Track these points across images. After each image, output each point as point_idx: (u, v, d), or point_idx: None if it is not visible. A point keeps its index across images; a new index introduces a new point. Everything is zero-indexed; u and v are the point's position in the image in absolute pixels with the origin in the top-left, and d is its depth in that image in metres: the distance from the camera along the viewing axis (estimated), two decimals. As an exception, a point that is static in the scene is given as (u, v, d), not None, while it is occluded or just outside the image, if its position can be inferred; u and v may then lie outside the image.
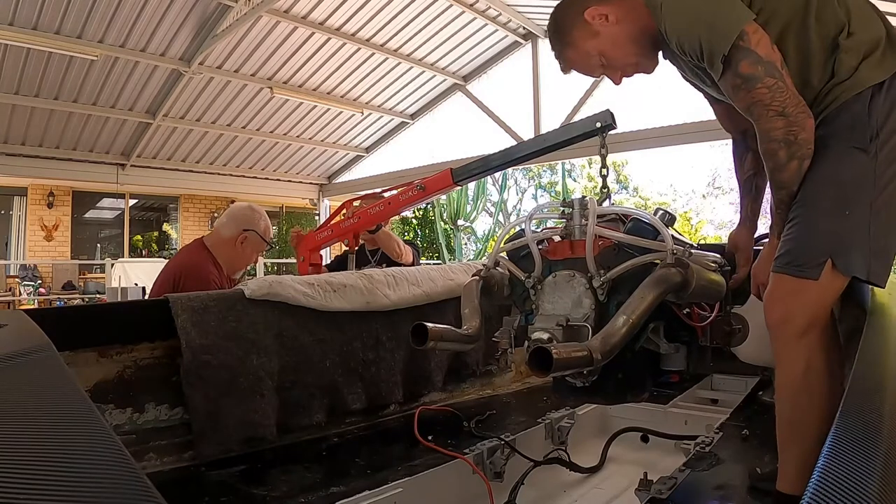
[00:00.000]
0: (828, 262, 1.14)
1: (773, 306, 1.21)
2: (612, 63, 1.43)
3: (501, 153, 2.23)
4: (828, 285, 1.16)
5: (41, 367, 0.84)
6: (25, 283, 9.61)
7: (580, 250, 1.53)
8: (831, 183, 1.17)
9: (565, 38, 1.44)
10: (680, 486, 1.34)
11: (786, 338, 1.19)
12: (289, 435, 1.86)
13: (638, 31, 1.37)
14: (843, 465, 0.59)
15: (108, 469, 0.54)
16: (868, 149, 1.13)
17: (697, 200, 18.56)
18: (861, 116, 1.15)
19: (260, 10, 6.74)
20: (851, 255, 1.13)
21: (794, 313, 1.17)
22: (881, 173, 1.13)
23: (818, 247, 1.16)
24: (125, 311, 1.87)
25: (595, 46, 1.40)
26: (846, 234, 1.14)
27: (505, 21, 8.36)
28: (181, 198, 11.77)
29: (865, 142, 1.13)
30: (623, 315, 1.34)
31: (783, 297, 1.20)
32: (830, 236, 1.15)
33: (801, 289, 1.17)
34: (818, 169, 1.20)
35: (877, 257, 1.14)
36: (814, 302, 1.17)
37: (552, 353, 1.14)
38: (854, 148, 1.15)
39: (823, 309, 1.18)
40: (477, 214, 13.84)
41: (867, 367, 0.88)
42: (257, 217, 2.64)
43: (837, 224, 1.15)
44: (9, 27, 6.14)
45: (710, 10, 1.20)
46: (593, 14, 1.37)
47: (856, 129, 1.15)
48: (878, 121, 1.14)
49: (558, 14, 1.47)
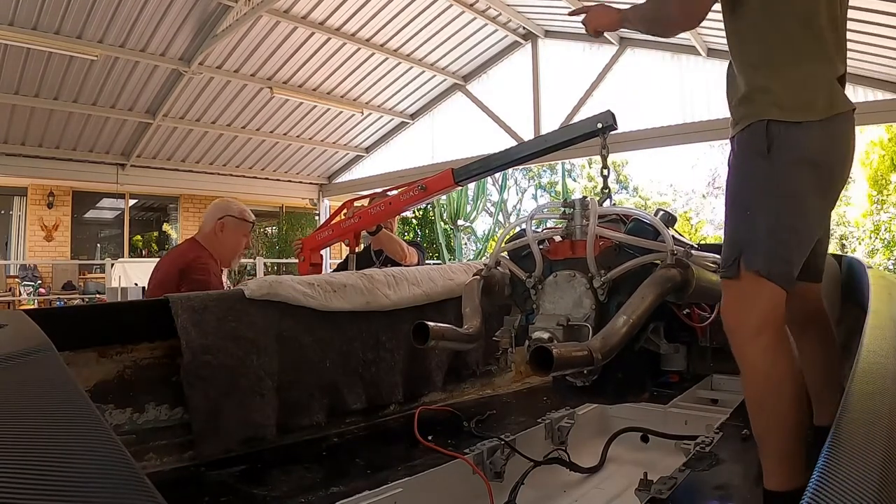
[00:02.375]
0: (741, 260, 1.20)
1: (725, 313, 1.27)
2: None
3: (502, 153, 2.23)
4: (756, 284, 1.19)
5: (41, 367, 0.84)
6: (25, 283, 9.60)
7: (581, 250, 1.53)
8: (737, 187, 1.27)
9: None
10: (680, 486, 1.34)
11: (740, 341, 1.22)
12: (289, 435, 1.86)
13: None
14: (843, 465, 0.59)
15: (108, 469, 0.54)
16: (767, 154, 1.19)
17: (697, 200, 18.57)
18: (760, 127, 1.21)
19: (260, 10, 6.74)
20: (752, 251, 1.19)
21: (742, 316, 1.22)
22: (779, 176, 1.19)
23: (730, 247, 1.24)
24: (125, 311, 1.87)
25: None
26: (747, 233, 1.21)
27: (505, 21, 8.36)
28: (181, 198, 11.76)
29: (764, 149, 1.19)
30: (623, 315, 1.34)
31: (727, 303, 1.26)
32: (737, 236, 1.23)
33: (736, 291, 1.23)
34: (730, 177, 1.30)
35: (774, 256, 1.18)
36: (754, 303, 1.20)
37: (553, 352, 1.14)
38: (754, 153, 1.22)
39: (767, 309, 1.19)
40: (477, 214, 13.84)
41: (867, 367, 0.88)
42: (228, 203, 2.77)
43: (740, 224, 1.23)
44: (9, 27, 6.14)
45: None
46: None
47: (756, 135, 1.21)
48: (779, 130, 1.19)
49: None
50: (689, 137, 7.31)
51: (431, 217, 13.16)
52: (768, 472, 1.22)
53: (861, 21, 5.19)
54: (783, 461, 1.19)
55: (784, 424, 1.18)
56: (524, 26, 8.50)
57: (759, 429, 1.23)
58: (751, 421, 1.24)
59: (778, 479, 1.20)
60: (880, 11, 5.05)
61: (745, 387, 1.24)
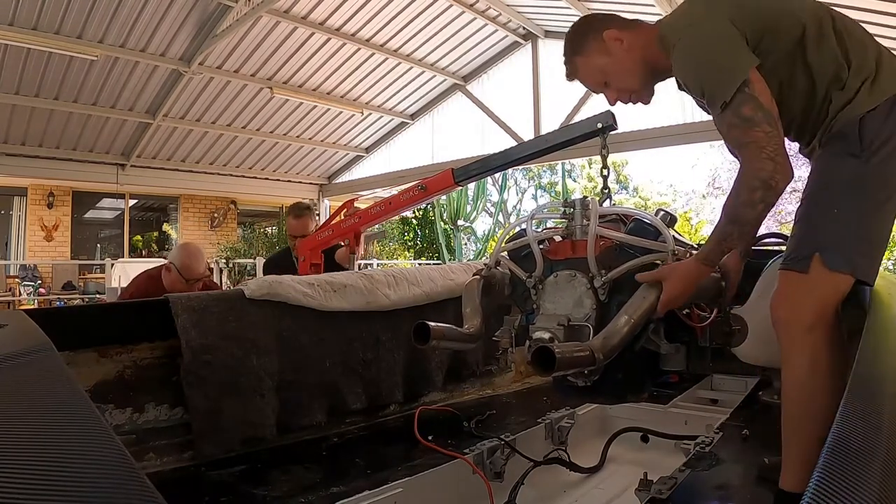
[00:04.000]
0: (816, 256, 1.19)
1: (779, 304, 1.25)
2: (613, 84, 1.50)
3: (502, 153, 2.23)
4: (824, 281, 1.19)
5: (41, 367, 0.84)
6: (25, 283, 9.60)
7: (581, 250, 1.53)
8: (824, 184, 1.25)
9: (580, 47, 1.52)
10: (680, 486, 1.34)
11: (792, 335, 1.21)
12: (289, 435, 1.86)
13: (645, 63, 1.45)
14: (844, 465, 0.59)
15: (108, 469, 0.54)
16: (860, 154, 1.19)
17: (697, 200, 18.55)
18: (853, 128, 1.21)
19: (260, 10, 6.74)
20: (836, 250, 1.18)
21: (798, 310, 1.21)
22: (873, 177, 1.19)
23: (808, 242, 1.22)
24: (125, 311, 1.87)
25: (603, 65, 1.48)
26: (833, 231, 1.20)
27: (505, 21, 8.36)
28: (181, 198, 11.75)
29: (857, 148, 1.19)
30: (624, 315, 1.34)
31: (786, 295, 1.24)
32: (819, 232, 1.22)
33: (800, 285, 1.22)
34: (814, 174, 1.28)
35: (863, 255, 1.19)
36: (816, 298, 1.20)
37: (555, 352, 1.14)
38: (846, 153, 1.21)
39: (827, 306, 1.20)
40: (477, 215, 13.83)
41: (867, 367, 0.88)
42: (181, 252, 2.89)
43: (826, 221, 1.21)
44: (9, 27, 6.14)
45: (716, 56, 1.28)
46: (612, 36, 1.46)
47: (848, 137, 1.21)
48: (871, 131, 1.19)
49: (582, 24, 1.57)
50: (689, 137, 7.31)
51: (431, 217, 13.15)
52: (787, 471, 1.21)
53: (861, 21, 5.18)
54: (805, 462, 1.16)
55: (815, 424, 1.16)
56: (524, 26, 8.50)
57: (789, 425, 1.22)
58: (782, 415, 1.23)
59: (795, 480, 1.19)
60: (880, 12, 5.05)
61: (785, 379, 1.23)
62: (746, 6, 1.30)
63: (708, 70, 1.28)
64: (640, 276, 1.43)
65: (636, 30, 1.47)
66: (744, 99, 1.21)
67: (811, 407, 1.18)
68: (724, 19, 1.27)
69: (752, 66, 1.23)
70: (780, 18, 1.29)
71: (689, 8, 1.39)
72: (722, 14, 1.28)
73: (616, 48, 1.45)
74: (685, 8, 1.40)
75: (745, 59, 1.24)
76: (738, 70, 1.22)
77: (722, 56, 1.26)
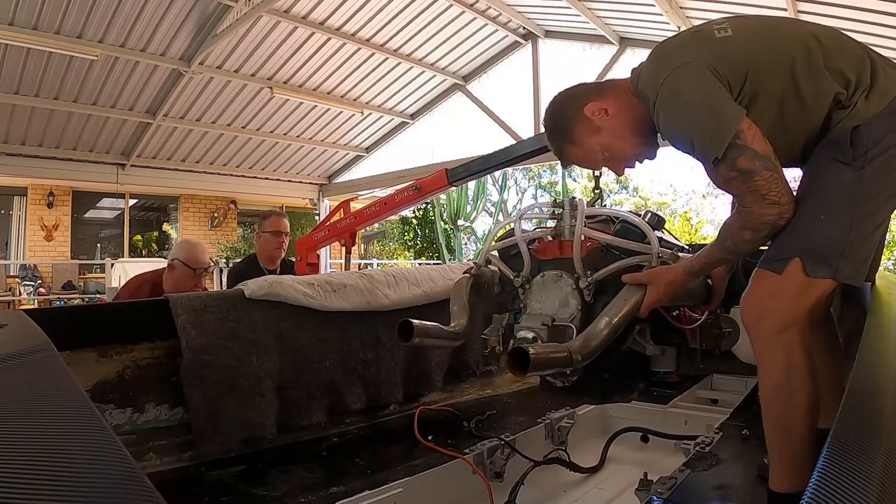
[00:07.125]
0: (796, 260, 1.17)
1: (749, 306, 1.24)
2: (615, 155, 1.41)
3: (498, 152, 2.24)
4: (798, 283, 1.18)
5: (41, 367, 0.84)
6: (25, 283, 9.60)
7: (569, 251, 1.53)
8: (812, 190, 1.21)
9: (567, 134, 1.42)
10: (680, 486, 1.34)
11: (762, 336, 1.21)
12: (289, 435, 1.86)
13: (637, 122, 1.36)
14: (843, 465, 0.59)
15: (108, 469, 0.54)
16: (852, 162, 1.15)
17: (697, 200, 18.53)
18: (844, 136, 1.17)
19: (260, 10, 6.73)
20: (820, 257, 1.16)
21: (769, 311, 1.20)
22: (865, 185, 1.15)
23: (789, 244, 1.20)
24: (125, 311, 1.87)
25: (598, 142, 1.39)
26: (819, 238, 1.17)
27: (505, 21, 8.36)
28: (181, 198, 11.76)
29: (848, 157, 1.15)
30: (605, 317, 1.34)
31: (757, 296, 1.23)
32: (803, 236, 1.19)
33: (772, 286, 1.20)
34: (804, 179, 1.25)
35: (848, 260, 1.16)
36: (787, 300, 1.18)
37: (529, 353, 1.14)
38: (836, 161, 1.17)
39: (799, 309, 1.19)
40: (477, 214, 13.85)
41: (867, 368, 0.88)
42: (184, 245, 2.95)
43: (812, 227, 1.18)
44: (9, 27, 6.14)
45: (701, 112, 1.19)
46: (593, 109, 1.36)
47: (840, 145, 1.17)
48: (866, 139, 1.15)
49: (556, 111, 1.45)
50: (689, 137, 7.29)
51: (431, 217, 13.16)
52: (775, 473, 1.22)
53: (861, 21, 5.19)
54: (791, 462, 1.18)
55: (796, 424, 1.17)
56: (524, 26, 8.49)
57: (771, 426, 1.22)
58: (763, 418, 1.23)
59: (783, 481, 1.19)
60: (880, 12, 5.05)
61: (762, 381, 1.23)
62: (725, 51, 1.21)
63: (694, 130, 1.20)
64: (626, 278, 1.43)
65: (614, 92, 1.37)
66: (738, 153, 1.15)
67: (789, 408, 1.18)
68: (702, 69, 1.18)
69: (740, 118, 1.15)
70: (764, 56, 1.21)
71: (661, 57, 1.27)
72: (699, 64, 1.19)
73: (604, 120, 1.36)
74: (658, 57, 1.29)
75: (730, 112, 1.16)
76: (725, 127, 1.15)
77: (707, 114, 1.17)
